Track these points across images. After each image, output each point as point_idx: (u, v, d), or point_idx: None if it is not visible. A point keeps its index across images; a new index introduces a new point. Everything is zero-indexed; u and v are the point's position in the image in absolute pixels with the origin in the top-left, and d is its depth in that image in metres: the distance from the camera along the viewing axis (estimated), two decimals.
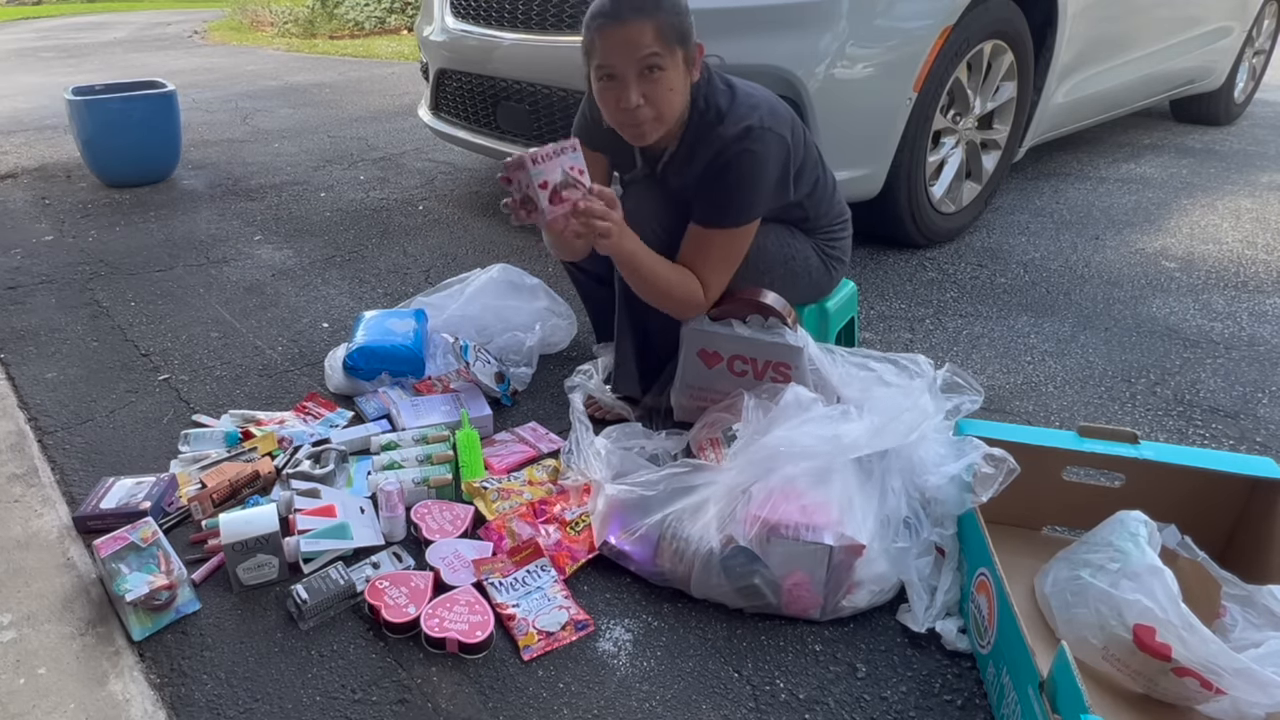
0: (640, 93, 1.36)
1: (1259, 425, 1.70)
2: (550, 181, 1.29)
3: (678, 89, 1.38)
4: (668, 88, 1.36)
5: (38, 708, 1.12)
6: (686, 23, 1.37)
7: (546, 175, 1.29)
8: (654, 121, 1.39)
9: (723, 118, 1.41)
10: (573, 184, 1.31)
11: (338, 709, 1.11)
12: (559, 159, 1.30)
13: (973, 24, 2.33)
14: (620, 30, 1.33)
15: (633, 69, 1.35)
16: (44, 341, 2.14)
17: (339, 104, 5.32)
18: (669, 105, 1.38)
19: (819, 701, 1.11)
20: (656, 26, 1.32)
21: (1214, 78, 4.00)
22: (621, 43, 1.33)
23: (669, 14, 1.34)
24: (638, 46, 1.33)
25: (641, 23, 1.32)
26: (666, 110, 1.39)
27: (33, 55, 8.27)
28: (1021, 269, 2.50)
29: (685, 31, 1.36)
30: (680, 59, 1.36)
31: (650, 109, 1.37)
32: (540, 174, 1.29)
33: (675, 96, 1.38)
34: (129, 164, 3.50)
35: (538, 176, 1.29)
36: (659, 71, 1.34)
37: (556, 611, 1.24)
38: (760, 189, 1.42)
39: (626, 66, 1.35)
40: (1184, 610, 1.01)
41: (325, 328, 2.20)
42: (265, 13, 10.51)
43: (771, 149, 1.40)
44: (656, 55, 1.33)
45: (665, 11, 1.33)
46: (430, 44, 2.98)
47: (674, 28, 1.34)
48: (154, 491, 1.46)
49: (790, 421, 1.29)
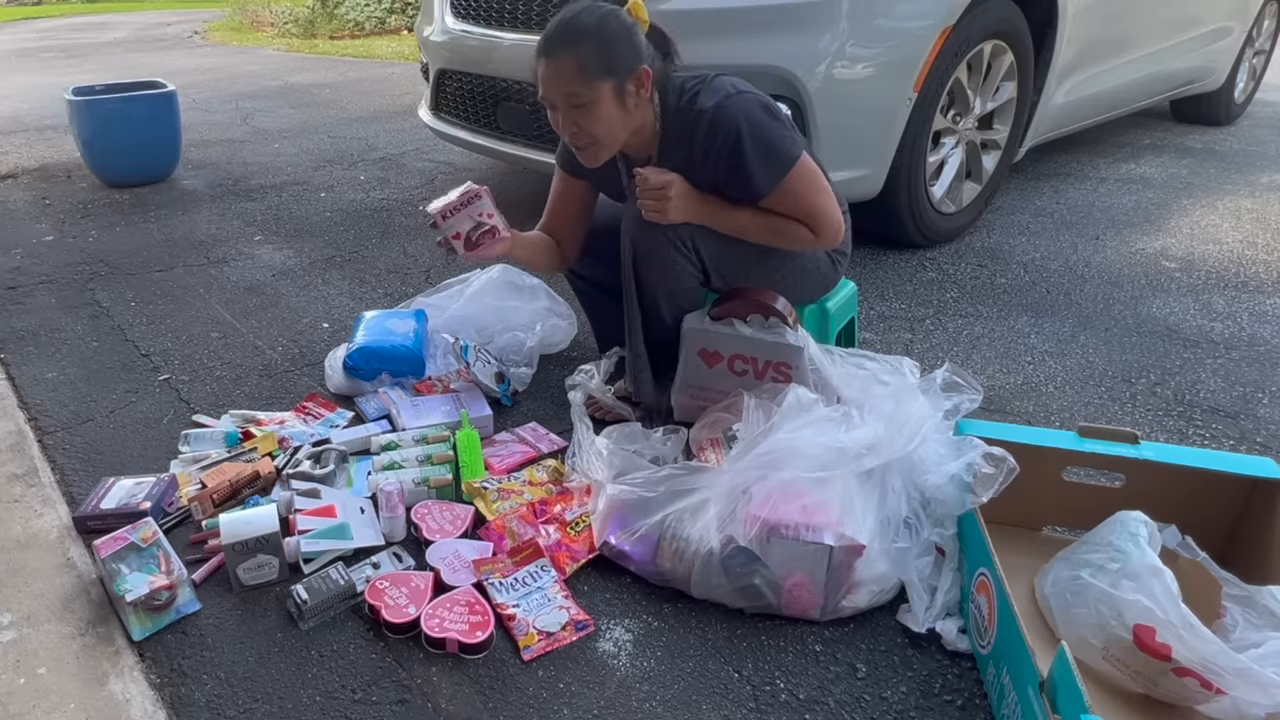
0: (573, 122, 1.40)
1: (1259, 425, 1.70)
2: (462, 232, 1.47)
3: (612, 118, 1.40)
4: (596, 118, 1.39)
5: (38, 708, 1.12)
6: (616, 52, 1.37)
7: (458, 227, 1.47)
8: (594, 147, 1.43)
9: (696, 97, 1.43)
10: (487, 229, 1.48)
11: (338, 709, 1.11)
12: (465, 210, 1.47)
13: (973, 24, 2.33)
14: (547, 64, 1.37)
15: (561, 101, 1.39)
16: (44, 341, 2.14)
17: (339, 104, 5.32)
18: (606, 133, 1.41)
19: (819, 701, 1.11)
20: (578, 62, 1.35)
21: (1214, 78, 4.00)
22: (549, 77, 1.38)
23: (594, 46, 1.35)
24: (561, 82, 1.37)
25: (563, 59, 1.35)
26: (605, 138, 1.41)
27: (32, 55, 8.27)
28: (1021, 269, 2.50)
29: (614, 61, 1.37)
30: (609, 90, 1.37)
31: (586, 136, 1.41)
32: (451, 227, 1.47)
33: (611, 125, 1.40)
34: (129, 164, 3.50)
35: (449, 230, 1.47)
36: (584, 104, 1.37)
37: (556, 611, 1.24)
38: (775, 125, 1.41)
39: (556, 99, 1.39)
40: (1184, 610, 1.01)
41: (325, 328, 2.20)
42: (265, 13, 10.51)
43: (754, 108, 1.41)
44: (576, 93, 1.36)
45: (592, 44, 1.35)
46: (430, 44, 2.98)
47: (600, 60, 1.35)
48: (154, 491, 1.46)
49: (791, 424, 1.29)
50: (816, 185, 1.45)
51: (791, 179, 1.42)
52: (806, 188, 1.44)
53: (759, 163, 1.40)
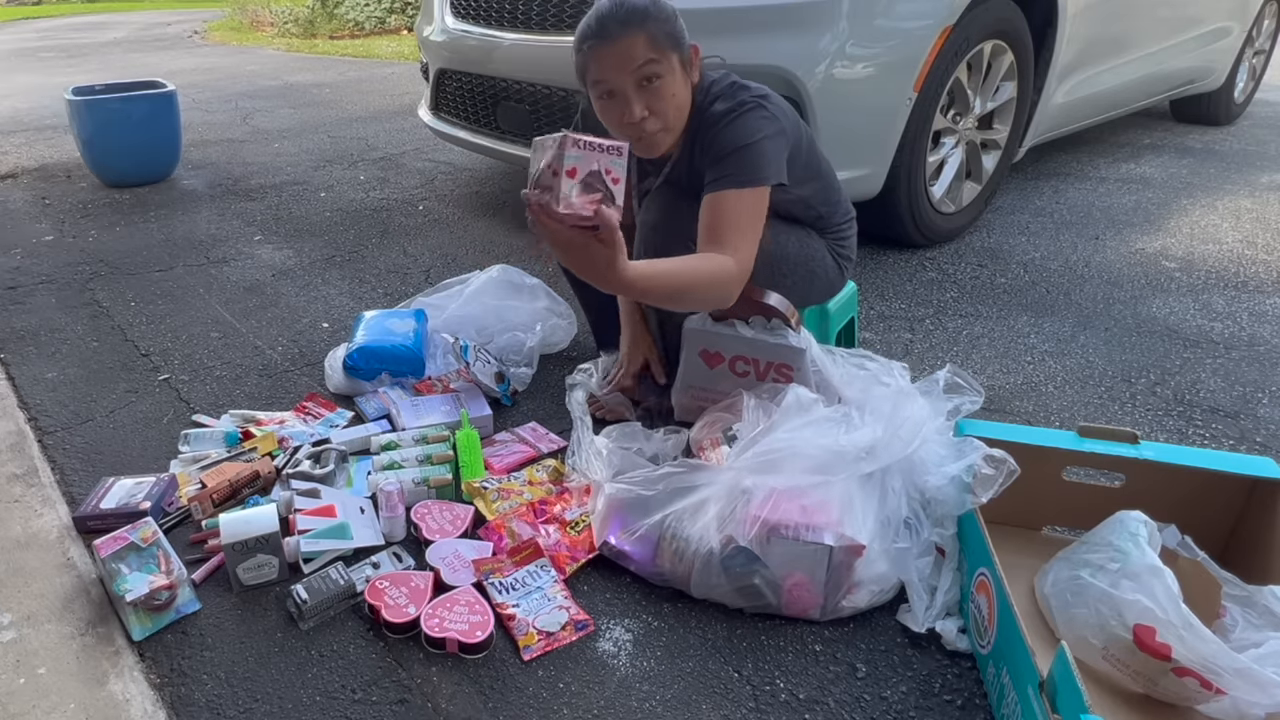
0: (643, 105, 1.35)
1: (1259, 425, 1.70)
2: (579, 171, 1.13)
3: (680, 93, 1.37)
4: (669, 94, 1.35)
5: (38, 708, 1.12)
6: (678, 27, 1.36)
7: (579, 163, 1.13)
8: (662, 132, 1.39)
9: (716, 100, 1.41)
10: (600, 189, 1.14)
11: (338, 709, 1.11)
12: (600, 155, 1.13)
13: (973, 24, 2.33)
14: (612, 48, 1.32)
15: (630, 83, 1.34)
16: (44, 341, 2.14)
17: (339, 104, 5.32)
18: (674, 112, 1.37)
19: (819, 701, 1.11)
20: (648, 37, 1.32)
21: (1214, 78, 4.00)
22: (615, 59, 1.32)
23: (658, 22, 1.33)
24: (631, 60, 1.32)
25: (632, 36, 1.31)
26: (672, 118, 1.38)
27: (32, 55, 8.27)
28: (1021, 269, 2.50)
29: (678, 35, 1.35)
30: (676, 63, 1.35)
31: (656, 120, 1.37)
32: (574, 158, 1.12)
33: (678, 102, 1.37)
34: (129, 164, 3.50)
35: (569, 160, 1.12)
36: (658, 80, 1.34)
37: (556, 611, 1.24)
38: (762, 149, 1.36)
39: (624, 82, 1.34)
40: (1184, 610, 1.01)
41: (325, 328, 2.20)
42: (265, 13, 10.51)
43: (762, 121, 1.38)
44: (653, 63, 1.32)
45: (654, 20, 1.32)
46: (430, 44, 2.98)
47: (666, 34, 1.33)
48: (154, 491, 1.46)
49: (791, 423, 1.29)
50: (754, 219, 1.37)
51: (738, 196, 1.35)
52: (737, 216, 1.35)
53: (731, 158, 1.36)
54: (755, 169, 1.36)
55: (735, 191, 1.35)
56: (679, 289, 1.31)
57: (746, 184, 1.35)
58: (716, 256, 1.32)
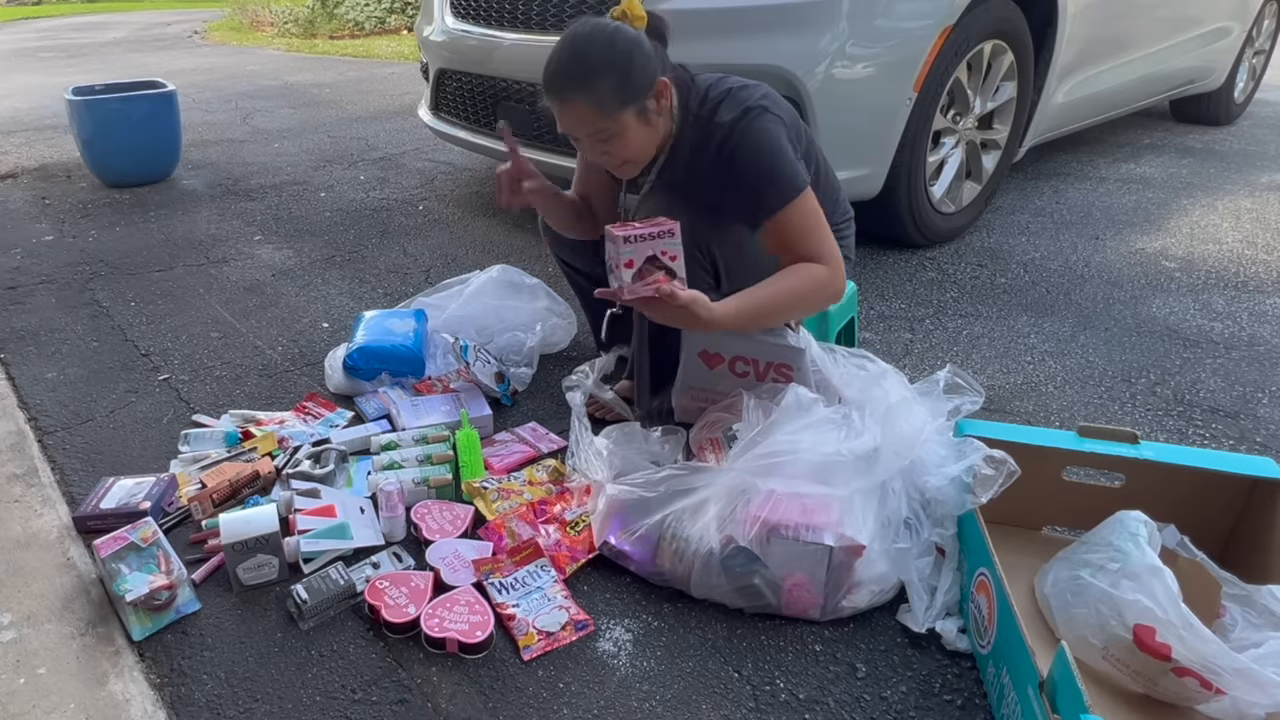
0: (600, 151, 1.38)
1: (1259, 425, 1.70)
2: (636, 261, 1.26)
3: (640, 138, 1.37)
4: (626, 144, 1.36)
5: (38, 708, 1.12)
6: (630, 80, 1.31)
7: (635, 254, 1.26)
8: (627, 165, 1.41)
9: (717, 109, 1.40)
10: (663, 270, 1.27)
11: (338, 709, 1.11)
12: (651, 242, 1.26)
13: (973, 24, 2.33)
14: (561, 107, 1.34)
15: (584, 141, 1.37)
16: (44, 341, 2.14)
17: (339, 104, 5.32)
18: (636, 153, 1.39)
19: (819, 701, 1.11)
20: (594, 102, 1.30)
21: (1214, 78, 4.00)
22: (567, 119, 1.35)
23: (604, 81, 1.29)
24: (580, 124, 1.34)
25: (575, 102, 1.31)
26: (635, 155, 1.39)
27: (32, 55, 8.27)
28: (1021, 269, 2.50)
29: (630, 89, 1.32)
30: (630, 118, 1.33)
31: (617, 159, 1.39)
32: (629, 253, 1.26)
33: (640, 145, 1.38)
34: (129, 164, 3.50)
35: (625, 255, 1.25)
36: (612, 139, 1.35)
37: (556, 611, 1.24)
38: (785, 155, 1.38)
39: (579, 136, 1.37)
40: (1184, 610, 1.01)
41: (325, 328, 2.20)
42: (265, 13, 10.51)
43: (773, 125, 1.38)
44: (598, 131, 1.33)
45: (599, 80, 1.29)
46: (430, 44, 2.98)
47: (613, 93, 1.30)
48: (154, 491, 1.46)
49: (792, 424, 1.29)
50: (816, 219, 1.41)
51: (792, 210, 1.38)
52: (808, 220, 1.40)
53: (762, 185, 1.38)
54: (791, 180, 1.38)
55: (784, 211, 1.38)
56: (781, 307, 1.39)
57: (791, 198, 1.38)
58: (805, 265, 1.38)
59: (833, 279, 1.40)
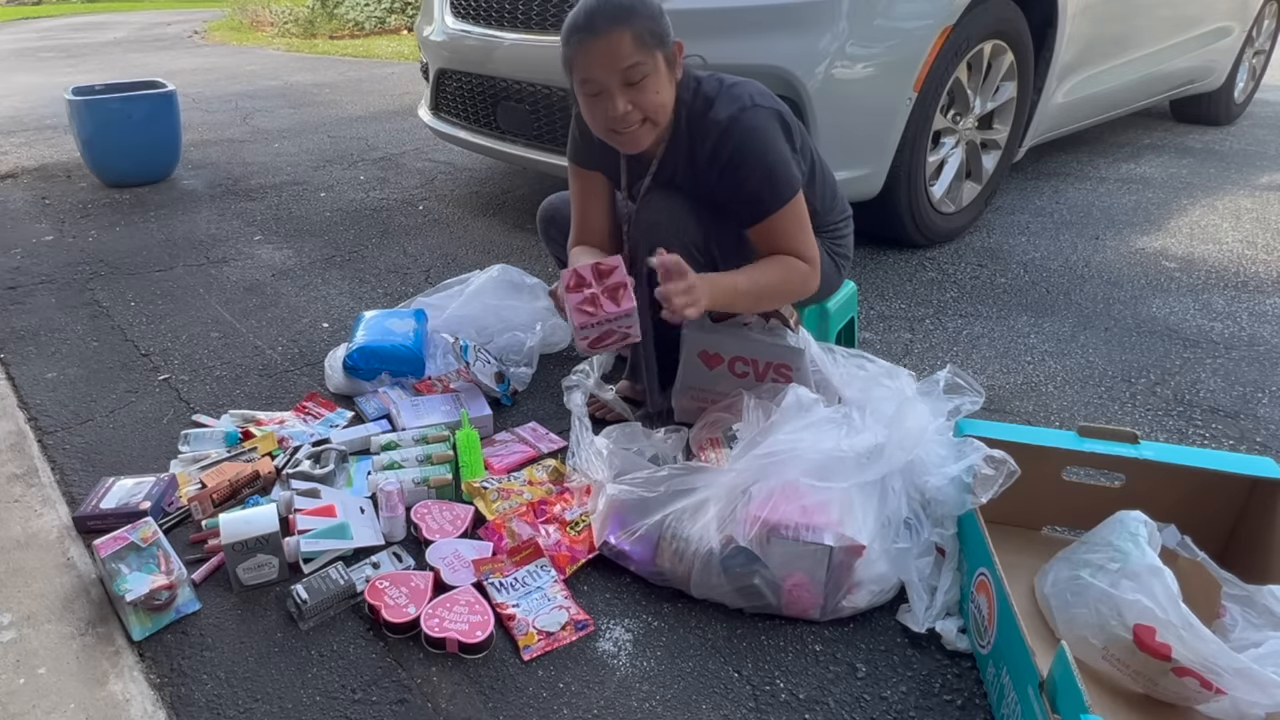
0: (627, 100, 1.36)
1: (1259, 425, 1.70)
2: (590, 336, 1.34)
3: (664, 91, 1.38)
4: (654, 91, 1.36)
5: (38, 708, 1.12)
6: (662, 25, 1.36)
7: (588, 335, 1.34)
8: (645, 126, 1.39)
9: (712, 104, 1.41)
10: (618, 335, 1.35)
11: (338, 709, 1.11)
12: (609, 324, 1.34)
13: (973, 24, 2.33)
14: (598, 43, 1.33)
15: (616, 79, 1.34)
16: (44, 341, 2.14)
17: (339, 104, 5.32)
18: (658, 108, 1.38)
19: (819, 701, 1.11)
20: (634, 34, 1.32)
21: (1214, 78, 4.00)
22: (601, 56, 1.33)
23: (644, 19, 1.33)
24: (617, 58, 1.32)
25: (618, 33, 1.31)
26: (657, 113, 1.38)
27: (32, 55, 8.27)
28: (1021, 269, 2.50)
29: (662, 33, 1.35)
30: (661, 61, 1.36)
31: (639, 114, 1.37)
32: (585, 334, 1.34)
33: (662, 99, 1.38)
34: (129, 164, 3.50)
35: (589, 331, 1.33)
36: (643, 79, 1.34)
37: (556, 611, 1.24)
38: (783, 156, 1.40)
39: (609, 78, 1.34)
40: (1184, 610, 1.01)
41: (325, 328, 2.20)
42: (265, 13, 10.51)
43: (770, 123, 1.40)
44: (638, 64, 1.33)
45: (640, 18, 1.32)
46: (430, 44, 2.98)
47: (651, 32, 1.33)
48: (154, 491, 1.46)
49: (792, 424, 1.29)
50: (804, 221, 1.46)
51: (786, 212, 1.41)
52: (796, 223, 1.44)
53: (761, 188, 1.39)
54: (785, 184, 1.41)
55: (776, 214, 1.42)
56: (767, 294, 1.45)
57: (784, 203, 1.41)
58: (789, 259, 1.45)
59: (812, 275, 1.47)
